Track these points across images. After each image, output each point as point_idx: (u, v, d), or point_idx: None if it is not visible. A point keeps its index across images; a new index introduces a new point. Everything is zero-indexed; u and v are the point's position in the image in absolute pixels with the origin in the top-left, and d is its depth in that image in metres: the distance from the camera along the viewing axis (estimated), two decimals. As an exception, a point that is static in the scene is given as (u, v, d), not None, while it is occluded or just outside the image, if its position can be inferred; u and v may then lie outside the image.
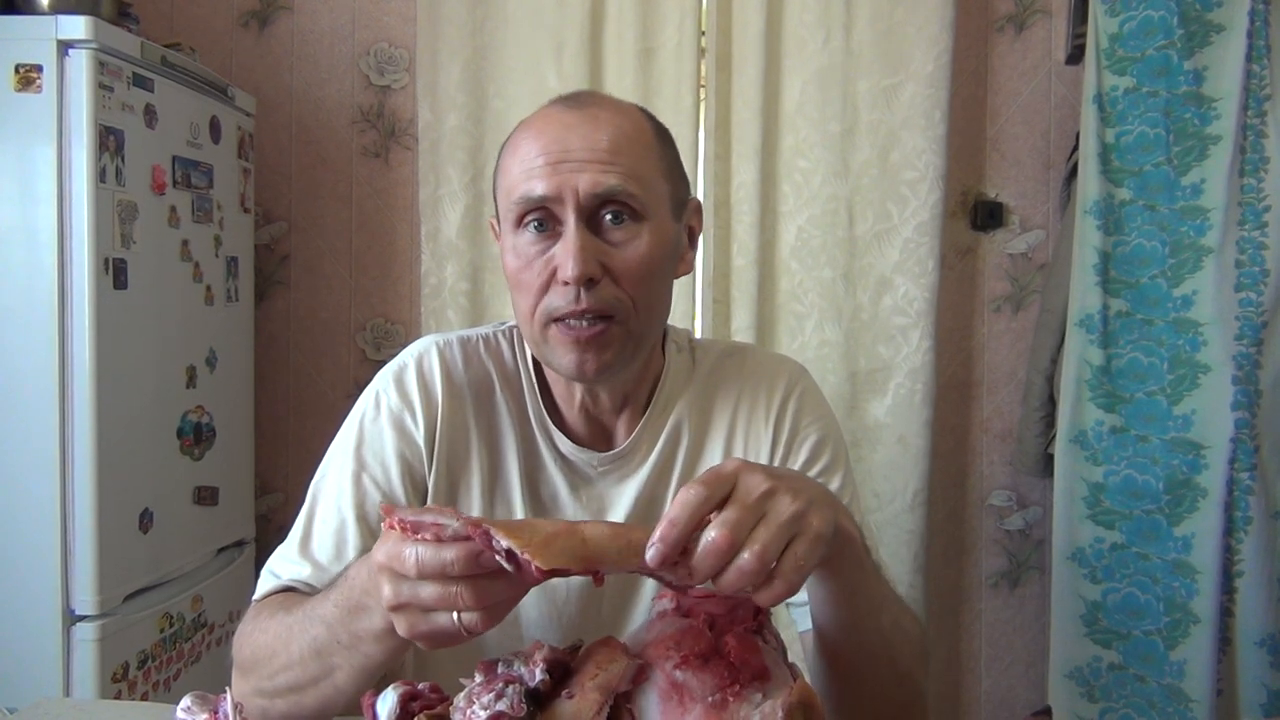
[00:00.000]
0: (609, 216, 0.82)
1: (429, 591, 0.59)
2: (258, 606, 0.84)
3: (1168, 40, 1.83)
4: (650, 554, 0.57)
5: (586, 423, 0.93)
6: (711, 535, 0.57)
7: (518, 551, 0.55)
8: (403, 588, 0.60)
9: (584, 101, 0.86)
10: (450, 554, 0.57)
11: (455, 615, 0.59)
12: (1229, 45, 1.80)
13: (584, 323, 0.81)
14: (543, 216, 0.82)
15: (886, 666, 0.78)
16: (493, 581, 0.58)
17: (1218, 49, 1.81)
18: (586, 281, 0.80)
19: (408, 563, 0.58)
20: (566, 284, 0.80)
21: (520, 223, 0.83)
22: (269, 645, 0.77)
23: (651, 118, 0.90)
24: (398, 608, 0.60)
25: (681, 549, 0.58)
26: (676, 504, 0.58)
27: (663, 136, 0.89)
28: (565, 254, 0.80)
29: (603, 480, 0.93)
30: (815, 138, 2.12)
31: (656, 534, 0.57)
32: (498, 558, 0.56)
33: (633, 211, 0.82)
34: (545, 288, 0.82)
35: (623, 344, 0.84)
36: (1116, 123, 1.87)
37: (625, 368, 0.87)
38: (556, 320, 0.82)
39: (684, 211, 0.91)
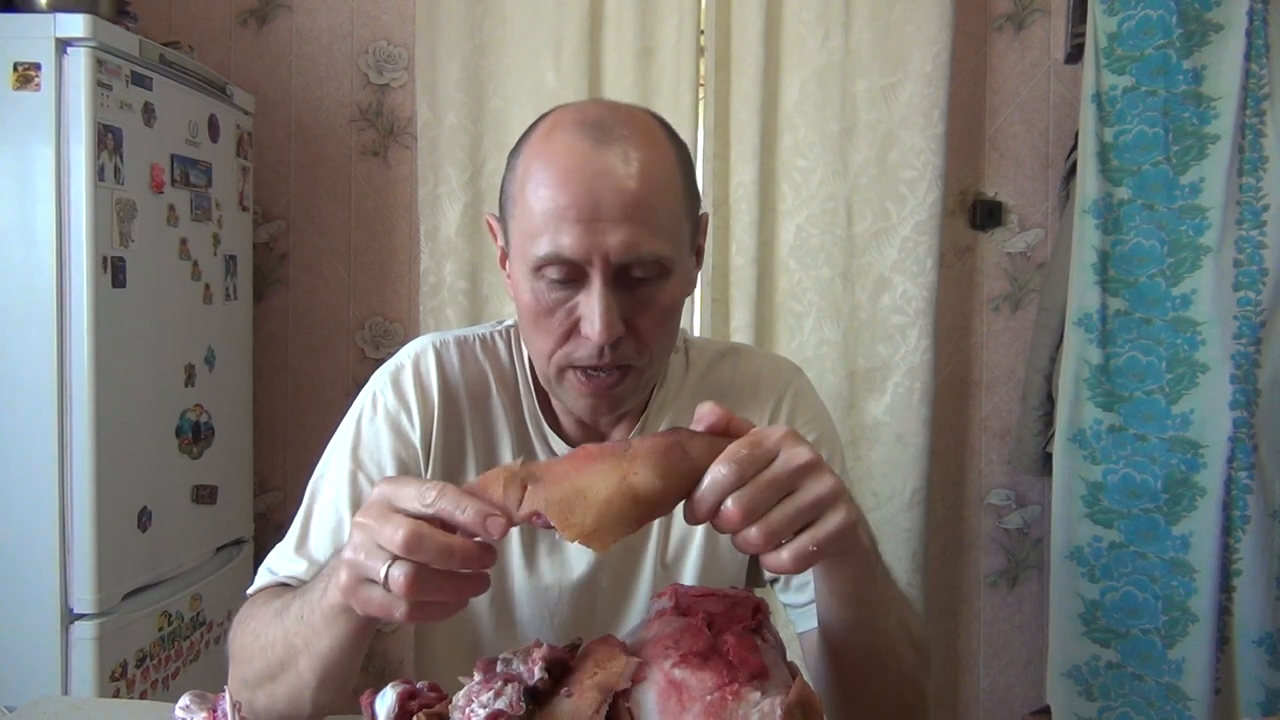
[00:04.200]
0: (636, 271, 0.79)
1: (388, 533, 0.59)
2: (252, 599, 0.84)
3: (1166, 39, 1.83)
4: (686, 516, 0.62)
5: (581, 427, 0.93)
6: (729, 506, 0.60)
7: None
8: (367, 535, 0.61)
9: (612, 135, 0.78)
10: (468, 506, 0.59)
11: (383, 571, 0.59)
12: (1228, 44, 1.80)
13: (602, 374, 0.81)
14: (566, 269, 0.79)
15: (892, 667, 0.79)
16: (436, 576, 0.59)
17: (1216, 48, 1.81)
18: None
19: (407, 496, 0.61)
20: (589, 338, 0.79)
21: (539, 269, 0.80)
22: (253, 631, 0.78)
23: (672, 135, 0.85)
24: (352, 560, 0.61)
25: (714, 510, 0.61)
26: (716, 466, 0.61)
27: (683, 159, 0.85)
28: (591, 312, 0.78)
29: None
30: (814, 137, 2.12)
31: (697, 495, 0.61)
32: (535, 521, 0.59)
33: (661, 269, 0.80)
34: (566, 336, 0.81)
35: (634, 389, 0.85)
36: (1115, 122, 1.87)
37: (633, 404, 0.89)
38: (574, 367, 0.82)
39: (696, 234, 0.88)
